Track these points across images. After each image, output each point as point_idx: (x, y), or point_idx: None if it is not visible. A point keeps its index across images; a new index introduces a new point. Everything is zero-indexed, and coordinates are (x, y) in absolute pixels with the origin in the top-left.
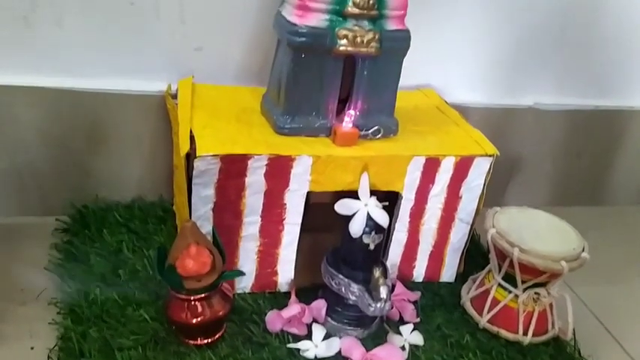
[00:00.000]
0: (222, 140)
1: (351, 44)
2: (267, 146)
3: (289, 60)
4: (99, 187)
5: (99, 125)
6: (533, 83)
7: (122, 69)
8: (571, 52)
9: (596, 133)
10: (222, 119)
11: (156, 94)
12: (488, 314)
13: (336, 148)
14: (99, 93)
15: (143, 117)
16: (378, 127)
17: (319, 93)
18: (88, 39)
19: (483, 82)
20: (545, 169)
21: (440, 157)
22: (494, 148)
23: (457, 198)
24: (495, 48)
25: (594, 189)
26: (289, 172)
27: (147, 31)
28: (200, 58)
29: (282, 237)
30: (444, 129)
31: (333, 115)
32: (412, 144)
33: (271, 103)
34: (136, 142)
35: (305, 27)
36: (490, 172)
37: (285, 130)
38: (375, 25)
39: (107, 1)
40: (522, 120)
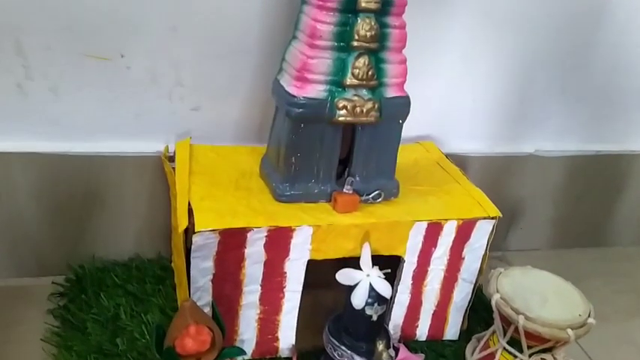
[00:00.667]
0: (221, 212)
1: (350, 114)
2: (267, 217)
3: (288, 129)
4: (96, 245)
5: (96, 187)
6: (533, 130)
7: (119, 132)
8: (571, 97)
9: (597, 177)
10: (220, 187)
11: (153, 154)
12: None
13: (336, 215)
14: (95, 156)
15: (141, 177)
16: (379, 191)
17: (318, 160)
18: (84, 104)
19: (483, 130)
20: (546, 213)
21: (442, 222)
22: (496, 209)
23: (460, 259)
24: (495, 96)
25: (595, 231)
26: (289, 242)
27: (143, 93)
28: (197, 118)
29: (282, 304)
30: (445, 188)
31: (332, 180)
32: (414, 207)
33: (270, 167)
34: (133, 201)
35: (304, 98)
36: (493, 234)
37: (285, 197)
38: (374, 94)
39: (102, 66)
40: (523, 167)
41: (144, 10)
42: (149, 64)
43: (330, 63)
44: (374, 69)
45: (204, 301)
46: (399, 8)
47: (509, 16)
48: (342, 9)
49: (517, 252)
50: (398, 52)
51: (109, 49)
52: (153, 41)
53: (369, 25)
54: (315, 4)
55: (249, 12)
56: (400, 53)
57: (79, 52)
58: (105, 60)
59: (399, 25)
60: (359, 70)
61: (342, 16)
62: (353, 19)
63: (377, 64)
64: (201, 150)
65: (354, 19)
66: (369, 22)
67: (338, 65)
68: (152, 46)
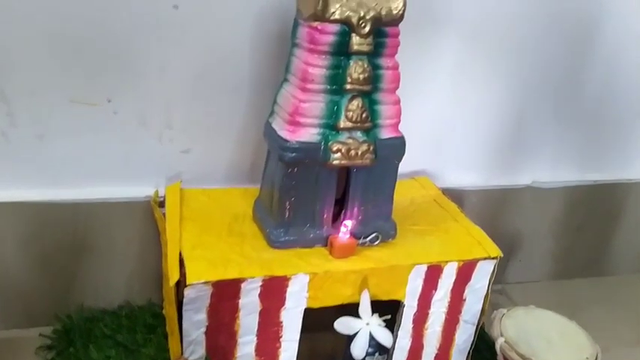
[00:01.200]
0: (214, 262)
1: (345, 157)
2: (261, 265)
3: (281, 173)
4: (85, 294)
5: (84, 234)
6: (529, 161)
7: (107, 177)
8: (565, 126)
9: (595, 207)
10: (212, 233)
11: (143, 199)
12: None
13: (333, 260)
14: (83, 203)
15: (130, 223)
16: (376, 233)
17: (313, 204)
18: (70, 149)
19: (479, 162)
20: (545, 245)
21: (442, 264)
22: (497, 249)
23: (461, 301)
24: (489, 127)
25: (595, 260)
26: (285, 291)
27: (132, 137)
28: (188, 160)
29: (279, 354)
30: (443, 227)
31: (328, 224)
32: (412, 249)
33: (264, 210)
34: (123, 247)
35: (297, 142)
36: (494, 274)
37: (279, 243)
38: (368, 136)
39: (89, 111)
40: (521, 199)
41: (131, 52)
42: (137, 107)
43: (323, 106)
44: (368, 111)
45: (197, 355)
46: (392, 49)
47: (501, 46)
48: (334, 52)
49: (517, 284)
50: (391, 93)
51: (95, 93)
52: (141, 84)
53: (362, 68)
54: (307, 48)
55: (239, 52)
56: (394, 94)
57: (65, 97)
58: (92, 105)
59: (391, 66)
60: (352, 113)
61: (334, 58)
62: (345, 61)
63: (371, 106)
64: (192, 194)
65: (346, 62)
66: (362, 65)
67: (331, 108)
68: (140, 88)
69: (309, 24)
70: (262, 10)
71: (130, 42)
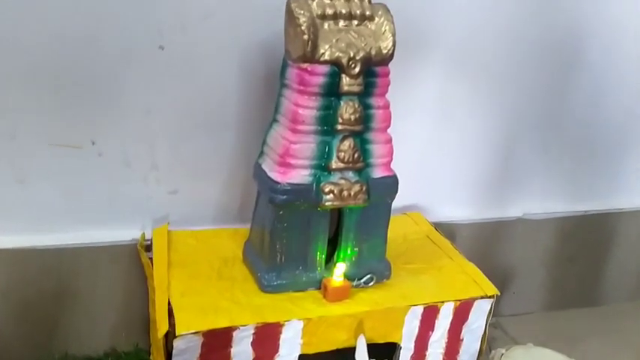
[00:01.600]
0: (204, 309)
1: (337, 199)
2: (253, 312)
3: (272, 216)
4: (69, 342)
5: (67, 280)
6: (520, 193)
7: (92, 220)
8: (555, 157)
9: (586, 237)
10: (202, 278)
11: (129, 242)
12: None
13: (327, 304)
14: (66, 248)
15: (116, 267)
16: (370, 275)
17: (305, 247)
18: (53, 193)
19: (470, 196)
20: (538, 276)
21: (438, 304)
22: (493, 287)
23: (458, 341)
24: (479, 161)
25: (587, 290)
26: (278, 338)
27: (117, 179)
28: (175, 201)
29: None
30: (438, 264)
31: (321, 266)
32: (407, 289)
33: (254, 253)
34: (108, 293)
35: (288, 184)
36: (492, 312)
37: (271, 288)
38: (361, 176)
39: (73, 154)
40: (512, 231)
41: (116, 93)
42: (122, 149)
43: (314, 147)
44: (359, 151)
45: None
46: (382, 89)
47: (486, 80)
48: (324, 93)
49: (511, 317)
50: (383, 132)
51: (79, 136)
52: (126, 125)
53: (353, 108)
54: (296, 89)
55: (225, 92)
56: (385, 132)
57: (47, 140)
58: (75, 148)
59: (382, 105)
60: (344, 153)
61: (324, 99)
62: (336, 102)
63: (362, 146)
64: (180, 237)
65: (337, 103)
66: (353, 105)
67: (322, 149)
68: (125, 130)
69: (298, 65)
70: (249, 51)
71: (115, 82)
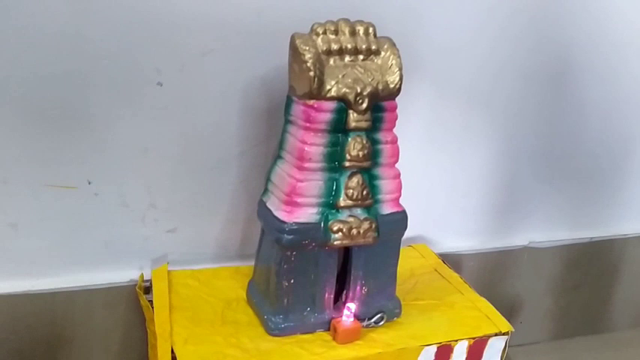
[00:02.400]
0: (208, 358)
1: (346, 237)
2: (260, 358)
3: (278, 257)
4: None
5: (62, 326)
6: (525, 221)
7: (86, 263)
8: (559, 184)
9: (592, 264)
10: (205, 323)
11: (126, 284)
12: None
13: (337, 347)
14: (60, 292)
15: (112, 310)
16: (381, 314)
17: (313, 287)
18: (47, 236)
19: (475, 227)
20: (544, 305)
21: (452, 344)
22: (507, 323)
23: None
24: (482, 189)
25: (594, 318)
26: None
27: (113, 219)
28: (174, 240)
29: None
30: (448, 300)
31: (330, 307)
32: (419, 328)
33: (259, 294)
34: (104, 337)
35: (295, 224)
36: (506, 350)
37: (278, 331)
38: (369, 213)
39: (67, 195)
40: (518, 260)
41: (112, 133)
42: (119, 189)
43: (322, 185)
44: (368, 187)
45: None
46: (390, 123)
47: (489, 109)
48: (331, 129)
49: (518, 347)
50: (391, 167)
51: (74, 176)
52: (123, 164)
53: (361, 144)
54: (302, 126)
55: (225, 129)
56: (394, 168)
57: (40, 182)
58: (70, 189)
59: (390, 140)
60: (353, 191)
61: (331, 136)
62: (343, 138)
63: (370, 182)
64: (180, 277)
65: (344, 139)
66: (361, 141)
67: (330, 186)
68: (122, 169)
69: (304, 102)
70: (250, 85)
71: (111, 120)
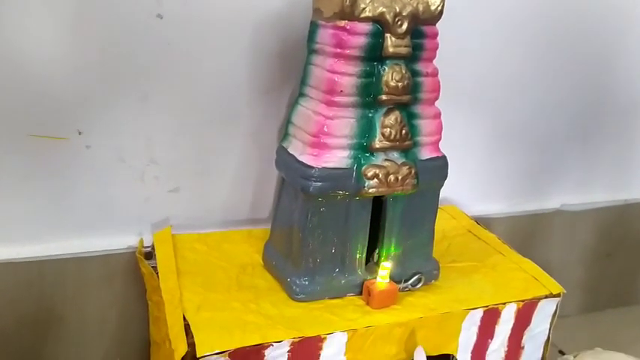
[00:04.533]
0: (227, 325)
1: (382, 184)
2: (287, 325)
3: (304, 210)
4: None
5: (51, 301)
6: (557, 183)
7: (78, 227)
8: (593, 143)
9: (626, 230)
10: (219, 289)
11: (123, 251)
12: None
13: (372, 312)
14: (49, 261)
15: (108, 281)
16: (418, 275)
17: (343, 245)
18: (32, 197)
19: (506, 189)
20: (575, 275)
21: (499, 307)
22: (558, 285)
23: (519, 349)
24: (515, 153)
25: (627, 290)
26: (318, 356)
27: (108, 177)
28: (177, 202)
29: None
30: (489, 262)
31: (362, 267)
32: (461, 292)
33: (279, 256)
34: (99, 314)
35: (323, 169)
36: (556, 315)
37: (305, 295)
38: (407, 157)
39: (55, 147)
40: (550, 225)
41: (106, 75)
42: (114, 141)
43: (354, 123)
44: (407, 126)
45: None
46: (431, 52)
47: (524, 61)
48: (366, 57)
49: None
50: (431, 105)
51: (62, 125)
52: (118, 112)
53: (400, 74)
54: (332, 53)
55: (234, 70)
56: (434, 105)
57: (24, 132)
58: (58, 140)
59: (431, 72)
60: (390, 129)
61: (366, 64)
62: (379, 67)
63: (409, 121)
64: (186, 241)
65: (380, 68)
66: (400, 70)
67: (363, 125)
68: (117, 118)
69: (334, 24)
70: (260, 23)
71: (105, 60)
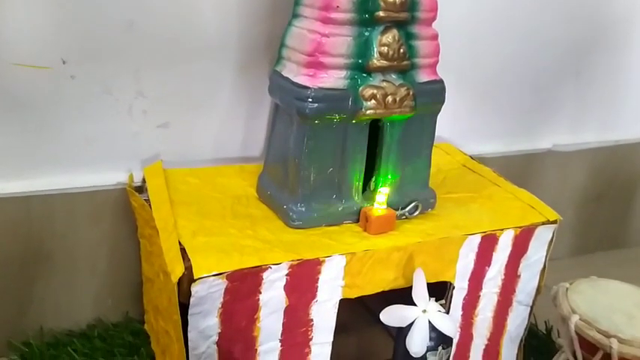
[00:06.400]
0: (224, 249)
1: (380, 106)
2: (285, 249)
3: (300, 133)
4: (44, 315)
5: (39, 238)
6: (549, 124)
7: (65, 162)
8: (585, 82)
9: (617, 170)
10: (214, 217)
11: (112, 187)
12: None
13: (370, 237)
14: (36, 196)
15: (97, 218)
16: (415, 202)
17: (340, 170)
18: (16, 130)
19: (498, 129)
20: (566, 217)
21: (497, 233)
22: (554, 212)
23: (515, 277)
24: (508, 91)
25: (617, 232)
26: (317, 280)
27: (95, 110)
28: (167, 138)
29: None
30: (485, 193)
31: (359, 194)
32: (458, 219)
33: (274, 186)
34: (89, 253)
35: (320, 90)
36: (553, 242)
37: (302, 222)
38: (405, 78)
39: (38, 77)
40: (541, 165)
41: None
42: (100, 71)
43: (351, 41)
44: (405, 45)
45: None
46: None
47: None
48: None
49: None
50: (429, 25)
51: (45, 53)
52: (103, 40)
53: None
54: None
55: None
56: (431, 27)
57: (5, 60)
58: (41, 69)
59: None
60: (388, 48)
61: None
62: None
63: (407, 41)
64: (178, 175)
65: None
66: None
67: (360, 44)
68: (103, 46)
69: None
70: None
71: None
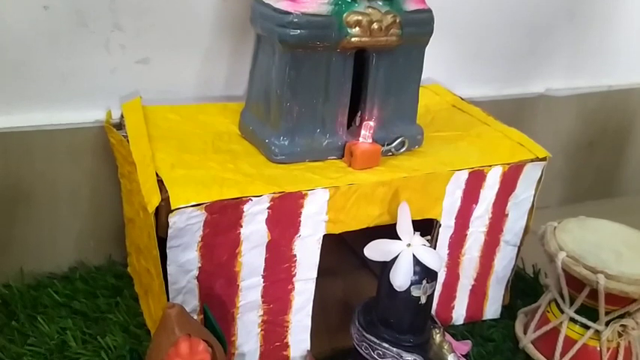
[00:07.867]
0: (204, 182)
1: (365, 33)
2: (267, 182)
3: (282, 63)
4: (24, 256)
5: (16, 177)
6: (542, 68)
7: (42, 99)
8: (580, 30)
9: (609, 117)
10: (194, 151)
11: (90, 125)
12: (562, 359)
13: (355, 172)
14: (12, 133)
15: (75, 157)
16: (402, 138)
17: (324, 103)
18: None
19: (489, 72)
20: (556, 165)
21: (485, 169)
22: (543, 150)
23: (503, 216)
24: (500, 33)
25: (607, 181)
26: (299, 214)
27: (70, 44)
28: (147, 74)
29: (292, 299)
30: (474, 132)
31: (343, 129)
32: (446, 156)
33: (257, 121)
34: (68, 193)
35: (302, 15)
36: (541, 180)
37: (284, 156)
38: (391, 6)
39: (9, 7)
40: (533, 110)
41: None
42: (74, 1)
43: None
44: None
45: (189, 308)
46: None
47: None
48: None
49: None
50: None
51: None
52: None
53: None
54: None
55: None
56: None
57: None
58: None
59: None
60: None
61: None
62: None
63: None
64: (158, 112)
65: None
66: None
67: None
68: None
69: None
70: None
71: None
